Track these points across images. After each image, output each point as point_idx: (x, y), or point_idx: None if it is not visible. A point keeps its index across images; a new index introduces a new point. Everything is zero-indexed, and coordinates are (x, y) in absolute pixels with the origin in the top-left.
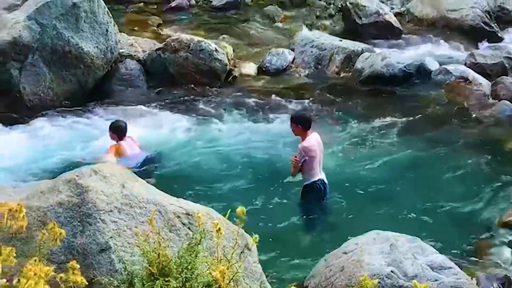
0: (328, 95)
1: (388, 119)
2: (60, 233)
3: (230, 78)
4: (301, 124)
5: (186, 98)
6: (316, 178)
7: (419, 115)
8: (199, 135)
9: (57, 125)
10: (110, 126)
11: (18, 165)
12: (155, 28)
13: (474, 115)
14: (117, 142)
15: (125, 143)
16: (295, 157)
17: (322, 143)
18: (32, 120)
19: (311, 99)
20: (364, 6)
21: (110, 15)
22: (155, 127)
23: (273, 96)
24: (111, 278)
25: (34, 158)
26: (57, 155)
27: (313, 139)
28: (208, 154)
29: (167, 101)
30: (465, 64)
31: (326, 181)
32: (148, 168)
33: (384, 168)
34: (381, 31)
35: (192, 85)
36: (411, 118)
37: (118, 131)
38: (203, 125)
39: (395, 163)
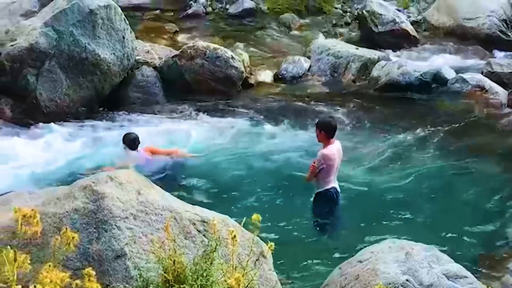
0: (344, 103)
1: (404, 128)
2: (73, 238)
3: (246, 86)
4: (325, 131)
5: (202, 105)
6: (329, 186)
7: (435, 124)
8: (215, 142)
9: (74, 132)
10: (123, 139)
11: (34, 171)
12: (172, 35)
13: (490, 124)
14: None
15: (136, 154)
16: (314, 163)
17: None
18: (49, 126)
19: (327, 107)
20: (381, 14)
21: (127, 22)
22: (171, 134)
23: (289, 103)
24: (127, 285)
25: (50, 164)
26: (73, 161)
27: (334, 148)
28: (224, 161)
29: (183, 108)
30: (482, 73)
31: (339, 189)
32: (165, 175)
33: (400, 176)
34: (398, 40)
35: (208, 93)
36: (427, 126)
37: (130, 143)
38: (219, 132)
39: (411, 172)
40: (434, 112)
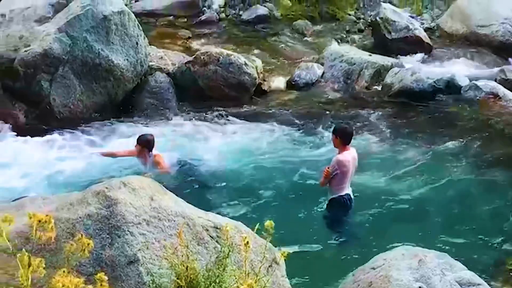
0: (357, 109)
1: (418, 136)
2: (88, 244)
3: (259, 92)
4: (341, 137)
5: (215, 111)
6: (343, 193)
7: (449, 132)
8: (228, 148)
9: (86, 137)
10: (138, 139)
11: (47, 176)
12: (185, 41)
13: (504, 132)
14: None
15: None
16: (328, 168)
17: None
18: (62, 132)
19: (340, 113)
20: (394, 21)
21: (140, 28)
22: (184, 140)
23: (302, 110)
24: None
25: (64, 169)
26: (85, 167)
27: (350, 155)
28: (238, 167)
29: (196, 114)
30: (495, 80)
31: (352, 196)
32: (178, 181)
33: (414, 184)
34: (411, 46)
35: (221, 99)
36: (441, 134)
37: (147, 144)
38: (232, 138)
39: (424, 179)
40: (447, 119)
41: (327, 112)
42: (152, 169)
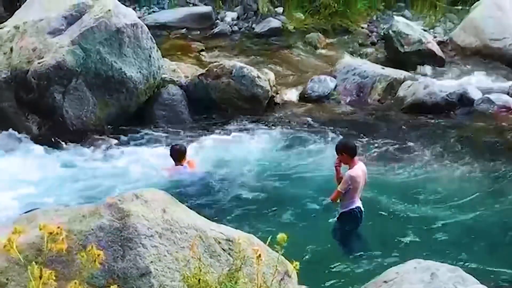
0: (370, 123)
1: (431, 148)
2: (99, 255)
3: (271, 105)
4: (346, 152)
5: (227, 124)
6: (354, 206)
7: (462, 144)
8: (241, 161)
9: (99, 150)
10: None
11: (60, 188)
12: (198, 54)
13: None
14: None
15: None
16: (339, 187)
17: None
18: (75, 144)
19: (353, 126)
20: (407, 35)
21: (153, 41)
22: (198, 152)
23: (314, 123)
24: None
25: (77, 181)
26: (98, 179)
27: (360, 169)
28: (250, 179)
29: (208, 126)
30: (508, 94)
31: (362, 208)
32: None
33: (426, 197)
34: (424, 59)
35: (234, 111)
36: (453, 147)
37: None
38: (245, 151)
39: (436, 192)
40: (460, 132)
41: (339, 125)
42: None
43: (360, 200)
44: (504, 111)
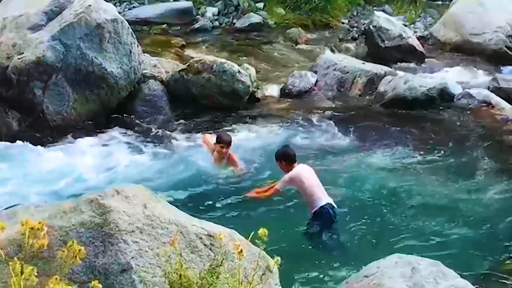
0: (350, 118)
1: (410, 143)
2: (80, 250)
3: (252, 100)
4: (285, 160)
5: (208, 119)
6: (323, 203)
7: (441, 139)
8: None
9: (80, 146)
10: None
11: (40, 184)
12: (178, 49)
13: (497, 140)
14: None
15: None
16: (278, 185)
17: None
18: (55, 140)
19: (333, 121)
20: (387, 30)
21: (134, 36)
22: (178, 149)
23: (295, 118)
24: None
25: (57, 177)
26: (79, 175)
27: (298, 168)
28: (229, 177)
29: (189, 122)
30: (488, 88)
31: (334, 204)
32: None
33: (406, 191)
34: (404, 55)
35: (215, 107)
36: (433, 141)
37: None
38: None
39: (416, 187)
40: (440, 127)
41: (320, 121)
42: (225, 167)
43: (331, 196)
44: (484, 106)
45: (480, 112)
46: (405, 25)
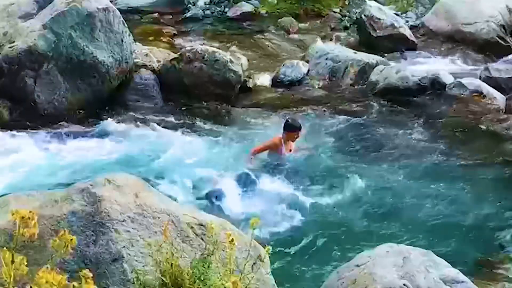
0: (342, 107)
1: (401, 132)
2: (71, 240)
3: (244, 89)
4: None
5: (200, 108)
6: None
7: (433, 128)
8: (212, 145)
9: (71, 135)
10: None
11: (31, 173)
12: (170, 39)
13: (488, 129)
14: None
15: None
16: None
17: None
18: (47, 129)
19: (325, 110)
20: (379, 19)
21: (125, 25)
22: (170, 137)
23: (287, 107)
24: None
25: (48, 167)
26: (70, 164)
27: None
28: (223, 165)
29: (181, 111)
30: (480, 78)
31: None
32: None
33: (398, 180)
34: (396, 44)
35: (206, 96)
36: (425, 131)
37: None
38: (217, 135)
39: (407, 175)
40: (431, 116)
41: (312, 110)
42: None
43: None
44: (476, 95)
45: (471, 102)
46: (397, 15)
